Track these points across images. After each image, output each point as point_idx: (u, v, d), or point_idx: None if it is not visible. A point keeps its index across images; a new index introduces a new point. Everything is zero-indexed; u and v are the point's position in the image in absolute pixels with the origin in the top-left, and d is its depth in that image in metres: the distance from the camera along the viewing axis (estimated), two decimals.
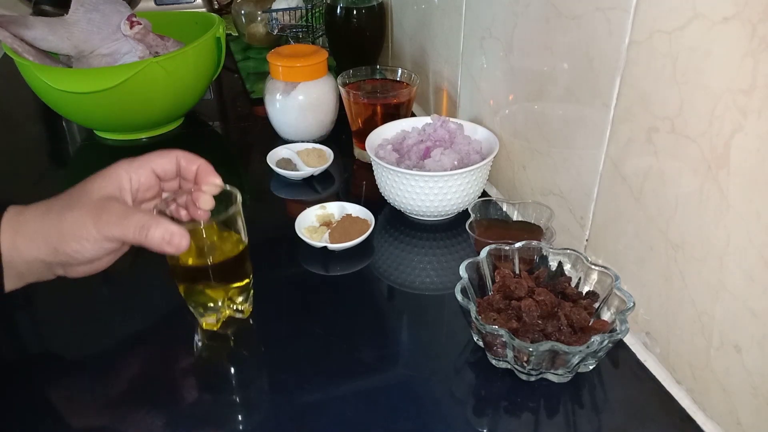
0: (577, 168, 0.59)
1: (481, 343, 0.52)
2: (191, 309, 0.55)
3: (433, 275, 0.64)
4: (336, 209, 0.71)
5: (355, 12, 1.03)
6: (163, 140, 0.95)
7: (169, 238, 0.46)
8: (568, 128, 0.59)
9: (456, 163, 0.69)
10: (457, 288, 0.51)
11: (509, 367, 0.51)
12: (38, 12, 1.06)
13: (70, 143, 0.98)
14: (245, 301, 0.56)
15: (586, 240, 0.60)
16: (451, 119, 0.75)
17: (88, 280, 0.65)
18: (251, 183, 0.85)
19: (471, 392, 0.50)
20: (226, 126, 1.05)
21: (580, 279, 0.55)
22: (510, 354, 0.49)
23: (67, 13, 0.90)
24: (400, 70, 0.87)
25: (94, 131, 0.97)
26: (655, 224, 0.49)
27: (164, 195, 0.54)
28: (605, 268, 0.53)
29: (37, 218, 0.47)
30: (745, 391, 0.43)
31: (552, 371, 0.49)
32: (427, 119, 0.77)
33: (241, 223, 0.53)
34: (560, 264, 0.57)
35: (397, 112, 0.81)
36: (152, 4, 1.40)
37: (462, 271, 0.54)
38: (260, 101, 0.92)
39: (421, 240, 0.69)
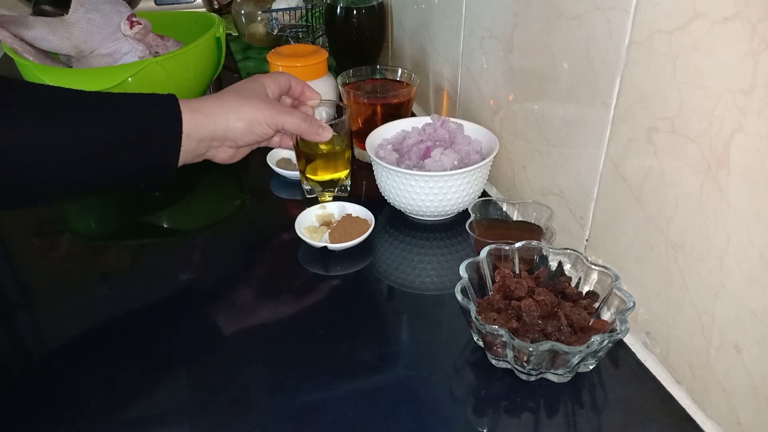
0: (577, 168, 0.59)
1: (481, 343, 0.52)
2: (312, 189, 0.75)
3: (433, 275, 0.64)
4: (336, 209, 0.71)
5: (355, 12, 1.03)
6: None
7: (320, 128, 0.64)
8: (568, 128, 0.59)
9: (456, 163, 0.69)
10: (457, 288, 0.51)
11: (509, 367, 0.51)
12: (38, 12, 1.06)
13: None
14: (348, 184, 0.77)
15: (586, 240, 0.60)
16: (451, 119, 0.75)
17: (88, 280, 0.65)
18: (251, 183, 0.85)
19: (471, 392, 0.50)
20: None
21: (580, 279, 0.55)
22: (510, 354, 0.49)
23: (67, 13, 0.90)
24: (400, 70, 0.87)
25: None
26: (655, 224, 0.49)
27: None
28: (605, 268, 0.53)
29: (213, 103, 0.57)
30: (745, 391, 0.43)
31: (552, 371, 0.49)
32: (427, 119, 0.77)
33: (346, 129, 0.73)
34: (560, 264, 0.57)
35: (397, 112, 0.81)
36: (152, 4, 1.40)
37: (462, 271, 0.54)
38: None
39: (421, 240, 0.69)
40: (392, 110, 0.81)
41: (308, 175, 0.74)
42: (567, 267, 0.57)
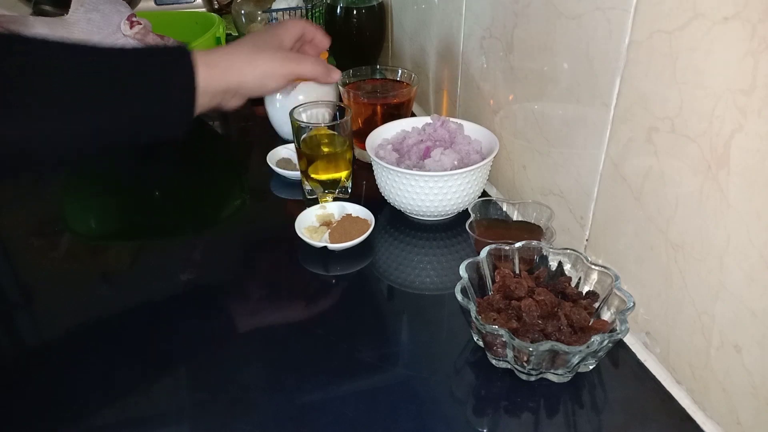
0: (577, 168, 0.59)
1: (481, 343, 0.52)
2: (312, 190, 0.75)
3: (433, 275, 0.64)
4: (336, 209, 0.71)
5: (355, 12, 1.03)
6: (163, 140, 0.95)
7: (331, 71, 0.65)
8: (568, 128, 0.59)
9: (456, 163, 0.69)
10: (457, 288, 0.51)
11: (509, 367, 0.51)
12: (38, 12, 1.06)
13: None
14: (349, 186, 0.77)
15: (586, 240, 0.60)
16: (451, 119, 0.75)
17: (88, 280, 0.65)
18: (251, 183, 0.85)
19: (471, 392, 0.50)
20: (226, 126, 1.05)
21: (580, 279, 0.55)
22: (510, 354, 0.49)
23: (67, 13, 0.90)
24: (400, 70, 0.87)
25: None
26: (655, 224, 0.49)
27: None
28: (605, 268, 0.53)
29: (227, 56, 0.57)
30: (745, 391, 0.43)
31: (552, 371, 0.49)
32: (427, 119, 0.77)
33: (348, 130, 0.73)
34: (560, 264, 0.57)
35: (397, 111, 0.81)
36: (152, 4, 1.40)
37: (462, 271, 0.54)
38: (260, 101, 0.92)
39: (421, 240, 0.69)
40: (392, 110, 0.81)
41: (310, 175, 0.74)
42: (567, 267, 0.57)
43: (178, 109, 0.54)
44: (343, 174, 0.74)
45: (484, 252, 0.56)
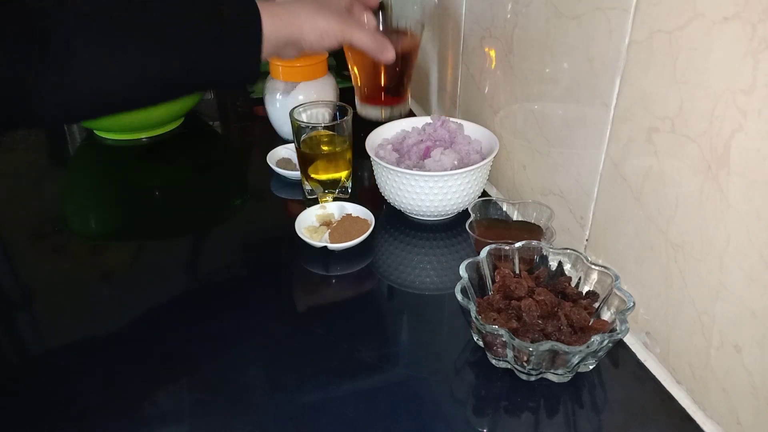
0: (577, 168, 0.59)
1: (481, 343, 0.52)
2: (312, 190, 0.75)
3: (433, 275, 0.64)
4: (336, 209, 0.71)
5: None
6: (163, 140, 0.95)
7: (386, 49, 0.63)
8: (568, 128, 0.59)
9: (456, 162, 0.69)
10: (457, 288, 0.51)
11: (509, 367, 0.51)
12: None
13: (70, 143, 0.98)
14: (349, 186, 0.77)
15: (586, 240, 0.60)
16: (451, 119, 0.75)
17: (88, 280, 0.65)
18: (251, 183, 0.85)
19: (471, 392, 0.50)
20: (226, 126, 1.05)
21: (580, 279, 0.55)
22: (510, 354, 0.49)
23: None
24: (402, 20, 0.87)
25: (94, 131, 0.97)
26: (655, 224, 0.49)
27: None
28: (605, 267, 0.53)
29: (291, 8, 0.58)
30: (745, 391, 0.43)
31: (552, 371, 0.49)
32: (427, 119, 0.77)
33: (348, 130, 0.73)
34: (560, 264, 0.57)
35: (401, 64, 0.80)
36: None
37: (462, 271, 0.54)
38: (260, 101, 0.92)
39: (421, 240, 0.69)
40: (396, 62, 0.80)
41: (310, 175, 0.74)
42: (567, 267, 0.57)
43: (245, 56, 0.55)
44: (343, 174, 0.74)
45: (484, 252, 0.56)
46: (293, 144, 0.75)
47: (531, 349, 0.46)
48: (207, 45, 0.52)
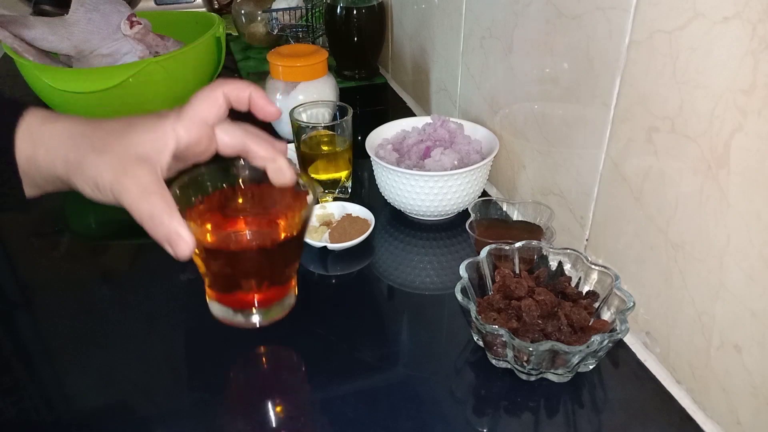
0: (577, 168, 0.59)
1: (481, 343, 0.52)
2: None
3: (433, 275, 0.64)
4: (336, 209, 0.71)
5: (355, 12, 1.03)
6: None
7: (173, 239, 0.44)
8: (568, 128, 0.59)
9: (456, 162, 0.69)
10: (457, 288, 0.51)
11: (509, 367, 0.51)
12: (38, 12, 1.06)
13: None
14: (348, 186, 0.76)
15: (586, 240, 0.60)
16: (451, 119, 0.75)
17: (88, 280, 0.65)
18: None
19: (471, 392, 0.50)
20: None
21: (580, 279, 0.55)
22: (510, 354, 0.49)
23: (67, 13, 0.90)
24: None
25: None
26: (655, 224, 0.49)
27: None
28: (605, 267, 0.53)
29: (63, 139, 0.43)
30: (745, 391, 0.43)
31: (552, 371, 0.49)
32: (427, 119, 0.77)
33: (348, 130, 0.73)
34: (560, 264, 0.57)
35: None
36: (152, 4, 1.40)
37: (462, 270, 0.54)
38: None
39: (421, 240, 0.69)
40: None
41: (310, 175, 0.74)
42: (567, 267, 0.57)
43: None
44: (343, 174, 0.74)
45: (484, 252, 0.56)
46: (293, 144, 0.75)
47: (531, 349, 0.46)
48: None
